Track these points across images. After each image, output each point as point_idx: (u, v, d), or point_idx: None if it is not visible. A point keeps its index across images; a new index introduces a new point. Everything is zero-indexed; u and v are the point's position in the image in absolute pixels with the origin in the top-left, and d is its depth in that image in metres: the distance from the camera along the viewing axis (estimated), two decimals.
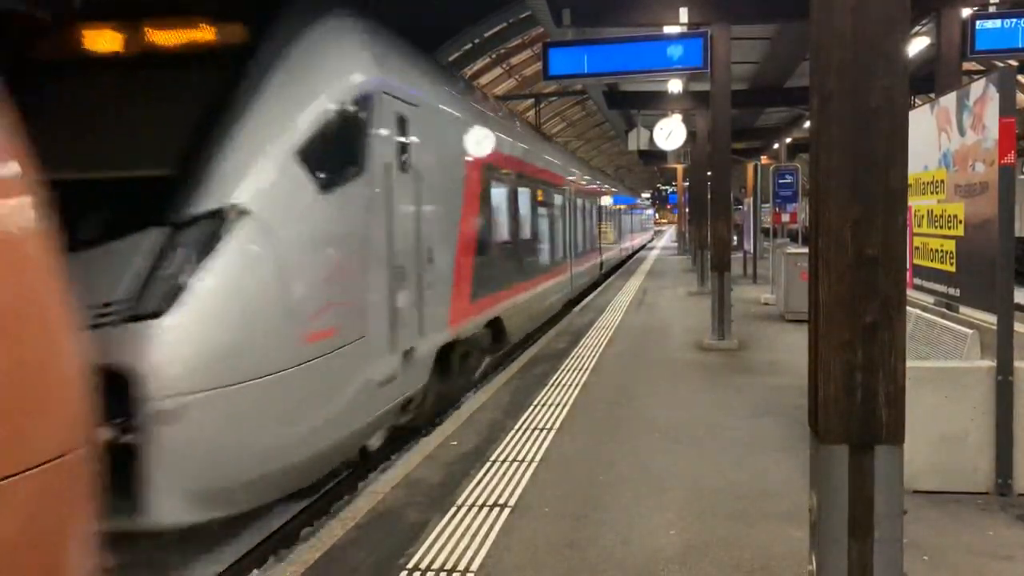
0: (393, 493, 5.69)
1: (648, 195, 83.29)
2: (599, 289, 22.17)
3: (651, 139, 21.49)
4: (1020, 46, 11.65)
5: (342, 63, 6.00)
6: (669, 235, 73.00)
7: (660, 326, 13.90)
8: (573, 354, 11.12)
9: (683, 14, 11.80)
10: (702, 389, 8.82)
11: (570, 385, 9.07)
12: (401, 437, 7.94)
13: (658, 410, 7.87)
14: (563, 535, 4.86)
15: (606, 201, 27.58)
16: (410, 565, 4.50)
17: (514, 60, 46.66)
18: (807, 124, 27.28)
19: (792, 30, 16.05)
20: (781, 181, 19.47)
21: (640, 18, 12.66)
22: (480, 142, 9.71)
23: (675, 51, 11.29)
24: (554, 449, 6.63)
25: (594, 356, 10.88)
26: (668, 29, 12.71)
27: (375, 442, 6.93)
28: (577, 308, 17.32)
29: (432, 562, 4.53)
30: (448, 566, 4.47)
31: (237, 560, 5.55)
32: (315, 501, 6.53)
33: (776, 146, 34.50)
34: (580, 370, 9.93)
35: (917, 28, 14.87)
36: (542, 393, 8.71)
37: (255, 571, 5.52)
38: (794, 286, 13.56)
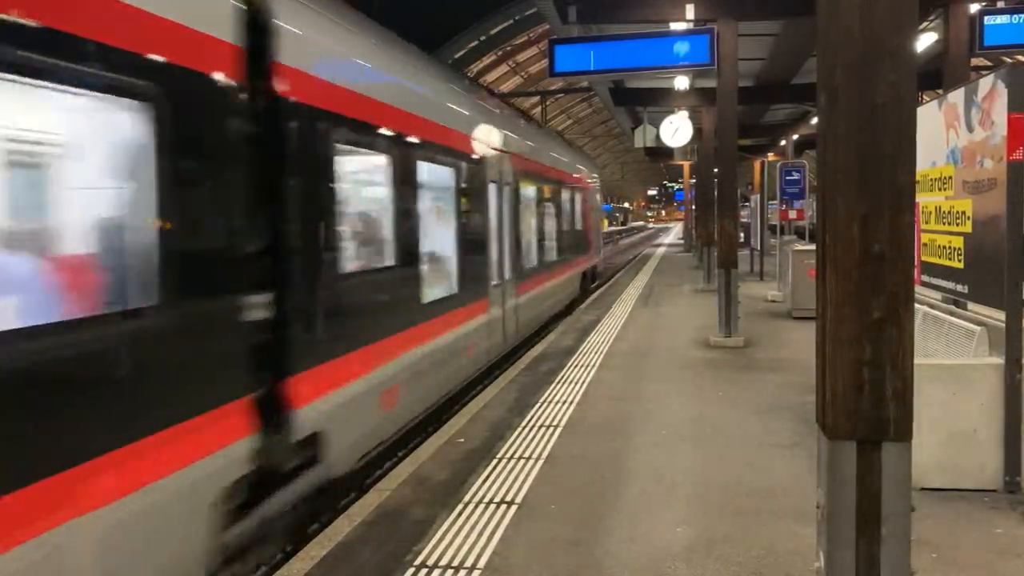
0: (400, 490, 5.70)
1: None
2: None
3: (657, 136, 21.46)
4: None
5: None
6: (675, 231, 72.92)
7: (666, 323, 13.88)
8: (580, 351, 11.11)
9: (689, 10, 11.78)
10: (709, 386, 8.81)
11: (577, 382, 9.07)
12: (408, 434, 7.94)
13: (665, 407, 7.87)
14: (570, 532, 4.86)
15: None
16: (417, 562, 4.51)
17: (520, 57, 46.74)
18: (814, 120, 27.26)
19: (799, 26, 16.01)
20: (788, 178, 19.42)
21: (646, 14, 12.65)
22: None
23: (681, 47, 11.28)
24: (560, 446, 6.63)
25: (600, 353, 10.88)
26: (674, 25, 12.71)
27: None
28: (583, 305, 17.31)
29: (439, 559, 4.54)
30: (455, 563, 4.48)
31: (246, 555, 5.55)
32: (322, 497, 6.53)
33: (783, 143, 34.44)
34: (587, 367, 9.92)
35: (924, 24, 14.82)
36: (548, 390, 8.71)
37: (263, 567, 5.53)
38: (801, 283, 13.53)
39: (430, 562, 4.50)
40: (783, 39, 17.78)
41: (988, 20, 11.49)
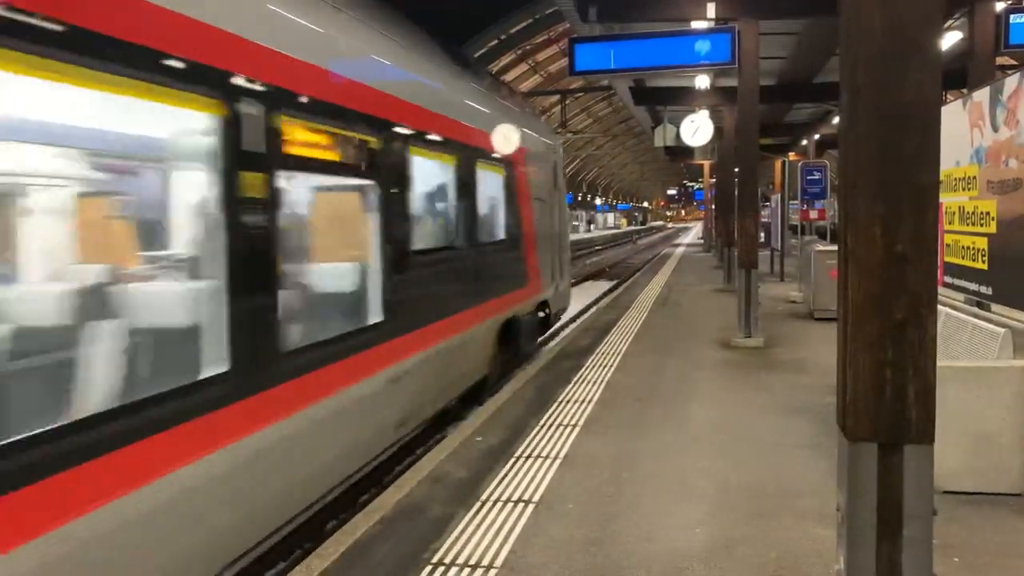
0: (418, 488, 5.71)
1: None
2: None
3: (678, 135, 21.38)
4: None
5: None
6: (695, 231, 72.68)
7: (686, 323, 13.82)
8: (598, 351, 11.09)
9: (710, 9, 11.73)
10: (728, 387, 8.77)
11: (595, 382, 9.05)
12: (426, 432, 7.97)
13: (683, 407, 7.84)
14: (587, 532, 4.85)
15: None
16: (435, 560, 4.52)
17: (539, 56, 46.74)
18: (836, 120, 27.03)
19: (821, 25, 15.89)
20: (809, 177, 19.29)
21: (667, 13, 12.61)
22: None
23: (702, 46, 11.22)
24: (578, 446, 6.62)
25: (619, 353, 10.85)
26: (695, 24, 12.66)
27: None
28: (601, 304, 17.27)
29: (456, 557, 4.54)
30: (472, 561, 4.48)
31: (263, 553, 5.58)
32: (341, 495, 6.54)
33: (804, 142, 34.22)
34: (605, 367, 9.90)
35: (949, 22, 14.67)
36: (567, 390, 8.70)
37: (281, 563, 5.57)
38: (823, 283, 13.43)
39: (447, 560, 4.51)
40: (805, 38, 17.66)
41: (1014, 18, 11.34)
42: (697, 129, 20.35)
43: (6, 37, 2.99)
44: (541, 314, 12.00)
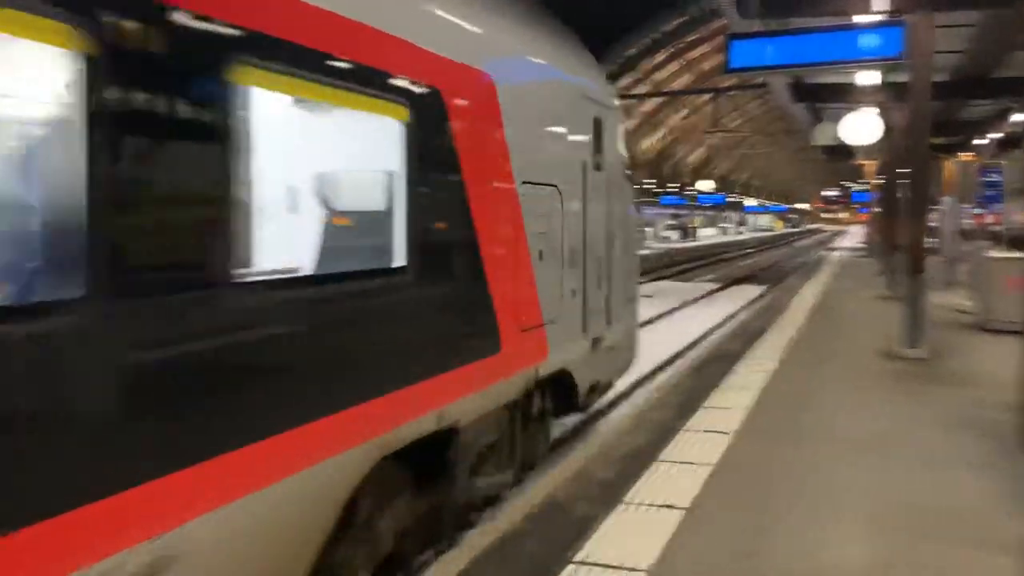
0: (564, 486, 5.75)
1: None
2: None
3: (837, 134, 20.44)
4: None
5: None
6: (855, 234, 69.47)
7: (844, 331, 13.23)
8: (748, 356, 10.78)
9: (879, 1, 11.13)
10: (890, 399, 8.32)
11: (746, 388, 8.80)
12: (574, 432, 8.01)
13: (841, 418, 7.50)
14: (737, 543, 4.73)
15: None
16: (578, 558, 4.53)
17: (691, 55, 45.99)
18: (1014, 117, 25.08)
19: (1003, 15, 14.76)
20: (986, 179, 18.00)
21: (833, 7, 12.07)
22: None
23: (869, 41, 10.65)
24: (729, 453, 6.46)
25: (771, 359, 10.50)
26: (857, 18, 12.06)
27: None
28: (753, 309, 16.76)
29: (600, 557, 4.54)
30: (616, 563, 4.46)
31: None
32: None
33: (976, 141, 31.93)
34: (757, 373, 9.61)
35: None
36: (716, 395, 8.50)
37: (430, 551, 5.73)
38: (997, 293, 12.52)
39: (591, 560, 4.51)
40: (985, 29, 16.47)
41: None
42: (861, 128, 19.34)
43: None
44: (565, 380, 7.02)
